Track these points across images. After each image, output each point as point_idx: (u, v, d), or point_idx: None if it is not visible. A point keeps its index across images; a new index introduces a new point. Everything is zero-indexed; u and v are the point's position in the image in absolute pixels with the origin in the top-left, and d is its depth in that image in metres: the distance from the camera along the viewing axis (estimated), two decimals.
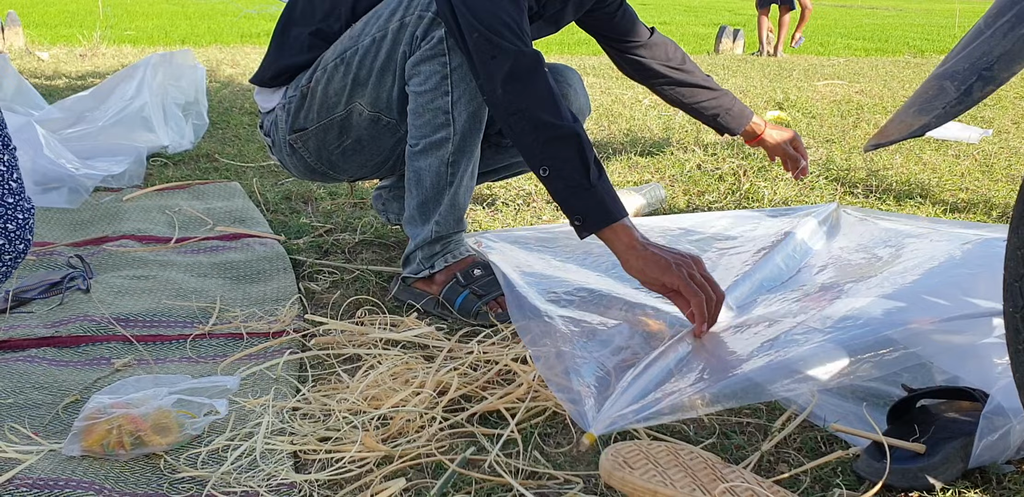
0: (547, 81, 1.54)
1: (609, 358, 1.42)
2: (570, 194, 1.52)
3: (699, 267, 1.51)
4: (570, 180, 1.51)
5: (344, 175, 1.98)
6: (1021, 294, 1.02)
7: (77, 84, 4.63)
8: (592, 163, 1.52)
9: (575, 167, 1.51)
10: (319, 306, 1.84)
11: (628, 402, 1.26)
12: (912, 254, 1.68)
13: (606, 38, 2.11)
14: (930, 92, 1.01)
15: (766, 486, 1.11)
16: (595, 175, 1.51)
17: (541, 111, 1.52)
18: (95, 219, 2.36)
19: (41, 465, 1.21)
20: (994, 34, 0.97)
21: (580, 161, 1.51)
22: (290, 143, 1.89)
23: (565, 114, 1.53)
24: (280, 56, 1.85)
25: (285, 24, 1.86)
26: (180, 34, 9.21)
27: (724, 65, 7.06)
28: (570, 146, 1.51)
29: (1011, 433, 1.22)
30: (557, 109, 1.52)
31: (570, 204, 1.53)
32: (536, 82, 1.53)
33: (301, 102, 1.82)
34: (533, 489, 1.20)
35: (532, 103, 1.52)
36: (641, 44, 2.10)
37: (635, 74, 2.16)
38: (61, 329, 1.66)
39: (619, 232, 1.52)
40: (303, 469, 1.26)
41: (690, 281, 1.48)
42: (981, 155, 3.49)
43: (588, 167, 1.51)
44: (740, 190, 2.78)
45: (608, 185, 1.53)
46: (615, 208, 1.52)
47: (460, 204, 1.79)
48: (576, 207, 1.53)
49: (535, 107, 1.52)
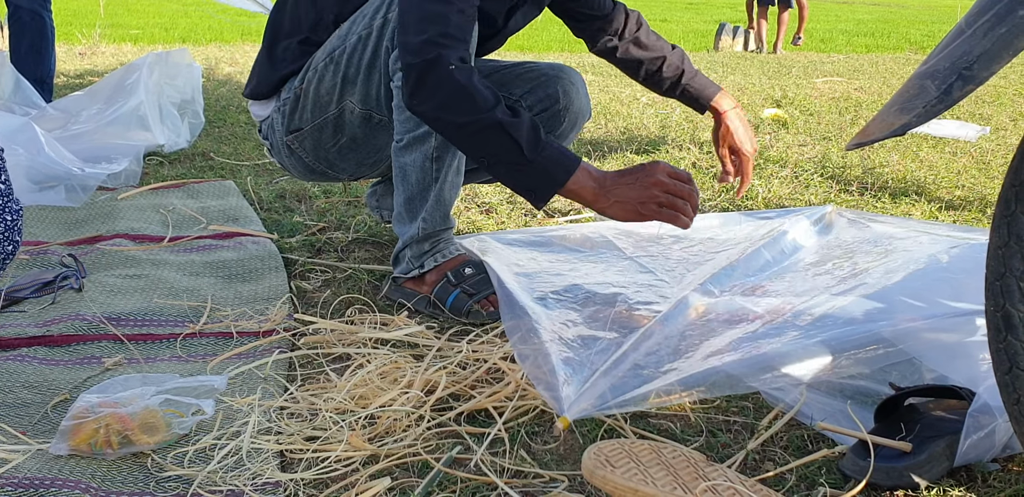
0: (451, 81, 1.54)
1: (594, 355, 1.43)
2: (513, 174, 1.57)
3: (661, 186, 1.55)
4: (508, 162, 1.56)
5: (343, 174, 1.98)
6: (1002, 293, 1.02)
7: (75, 83, 4.64)
8: (523, 140, 1.53)
9: (508, 149, 1.54)
10: (310, 305, 1.84)
11: (603, 388, 1.29)
12: (898, 255, 1.68)
13: (569, 13, 2.06)
14: (911, 91, 1.01)
15: (749, 485, 1.11)
16: (531, 149, 1.53)
17: (454, 114, 1.55)
18: (90, 218, 2.36)
19: (28, 464, 1.21)
20: (974, 34, 0.97)
21: (510, 143, 1.53)
22: (287, 144, 1.89)
23: (480, 104, 1.53)
24: (273, 70, 1.87)
25: (272, 40, 1.88)
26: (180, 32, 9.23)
27: (723, 62, 7.05)
28: (494, 133, 1.54)
29: (997, 431, 1.22)
30: (470, 104, 1.54)
31: (516, 183, 1.59)
32: (438, 87, 1.55)
33: (295, 103, 1.83)
34: (518, 488, 1.20)
35: (442, 108, 1.55)
36: (602, 16, 2.04)
37: (600, 48, 2.10)
38: (52, 328, 1.66)
39: (574, 192, 1.57)
40: (289, 468, 1.26)
41: (661, 211, 1.55)
42: (978, 152, 3.49)
43: (520, 145, 1.53)
44: (734, 188, 2.77)
45: (550, 151, 1.55)
46: (560, 172, 1.55)
47: (446, 200, 1.79)
48: (522, 184, 1.58)
49: (446, 111, 1.55)
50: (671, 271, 1.81)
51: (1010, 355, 1.02)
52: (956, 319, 1.36)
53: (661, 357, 1.39)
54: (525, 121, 1.54)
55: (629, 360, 1.38)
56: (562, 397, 1.28)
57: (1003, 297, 1.01)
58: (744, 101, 4.68)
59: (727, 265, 1.75)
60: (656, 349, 1.42)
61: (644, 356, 1.39)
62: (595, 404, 1.27)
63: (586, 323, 1.55)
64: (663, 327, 1.48)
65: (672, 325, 1.50)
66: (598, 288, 1.71)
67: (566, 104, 1.96)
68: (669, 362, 1.37)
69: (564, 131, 1.99)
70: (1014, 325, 1.01)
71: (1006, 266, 1.01)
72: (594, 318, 1.58)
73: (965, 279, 1.46)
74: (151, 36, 8.63)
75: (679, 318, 1.53)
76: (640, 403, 1.28)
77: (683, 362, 1.36)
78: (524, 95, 1.96)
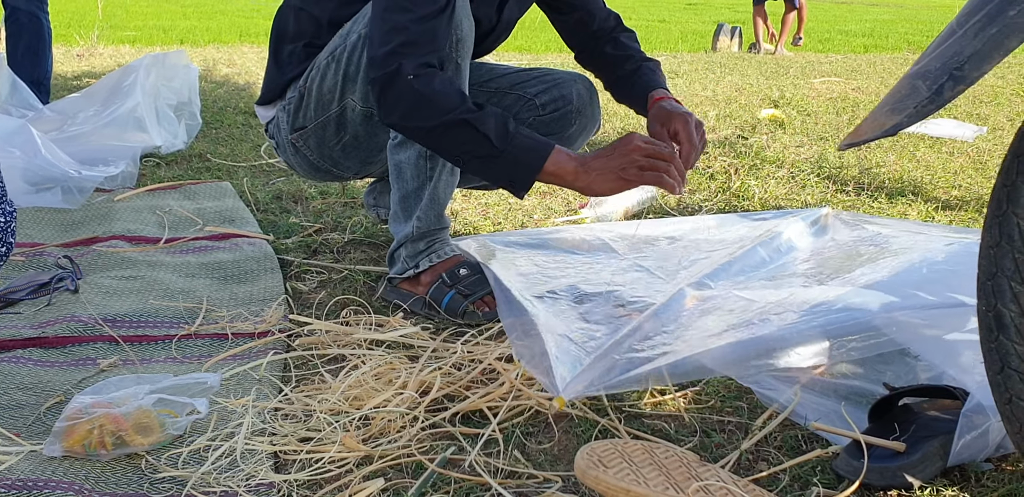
0: (410, 91, 1.56)
1: (590, 342, 1.45)
2: (489, 167, 1.58)
3: (639, 151, 1.55)
4: (481, 156, 1.57)
5: (348, 172, 1.99)
6: (994, 293, 1.02)
7: (73, 84, 4.64)
8: (491, 132, 1.54)
9: (478, 143, 1.55)
10: (306, 306, 1.84)
11: (599, 370, 1.32)
12: (894, 253, 1.68)
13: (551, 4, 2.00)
14: (903, 91, 1.01)
15: (741, 485, 1.11)
16: (500, 139, 1.54)
17: (419, 120, 1.58)
18: (86, 220, 2.36)
19: (21, 466, 1.21)
20: (965, 34, 0.97)
21: (479, 137, 1.54)
22: (292, 142, 1.91)
23: (444, 106, 1.55)
24: (280, 74, 1.90)
25: (277, 45, 1.91)
26: (179, 33, 9.22)
27: (721, 63, 7.05)
28: (461, 130, 1.55)
29: (990, 431, 1.22)
30: (431, 109, 1.55)
31: (493, 176, 1.61)
32: (400, 99, 1.57)
33: (299, 102, 1.85)
34: (512, 488, 1.20)
35: (407, 118, 1.58)
36: (582, 6, 1.97)
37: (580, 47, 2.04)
38: (48, 330, 1.66)
39: (552, 175, 1.57)
40: (283, 469, 1.26)
41: (643, 175, 1.55)
42: (975, 152, 3.49)
43: (488, 137, 1.54)
44: (731, 189, 2.78)
45: (520, 139, 1.55)
46: (534, 158, 1.56)
47: (440, 199, 1.79)
48: (498, 175, 1.60)
49: (412, 119, 1.58)
50: (666, 268, 1.82)
51: (1002, 355, 1.02)
52: (948, 310, 1.36)
53: (656, 342, 1.41)
54: (490, 113, 1.55)
55: (625, 345, 1.41)
56: (557, 379, 1.31)
57: (995, 297, 1.01)
58: (741, 101, 4.68)
59: (723, 263, 1.75)
60: (651, 334, 1.43)
61: (639, 341, 1.42)
62: (589, 386, 1.30)
63: (583, 317, 1.57)
64: (658, 315, 1.50)
65: (668, 313, 1.51)
66: (595, 287, 1.72)
67: (579, 107, 1.96)
68: (664, 346, 1.39)
69: (573, 134, 1.99)
70: (1006, 325, 1.01)
71: (998, 266, 1.01)
72: (591, 312, 1.60)
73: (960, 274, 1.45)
74: (149, 37, 8.63)
75: (674, 307, 1.54)
76: (634, 384, 1.31)
77: (678, 345, 1.37)
78: (538, 94, 1.96)
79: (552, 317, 1.55)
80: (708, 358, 1.31)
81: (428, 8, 1.58)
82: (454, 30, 1.63)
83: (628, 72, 1.93)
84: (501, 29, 1.94)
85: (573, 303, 1.65)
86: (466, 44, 1.67)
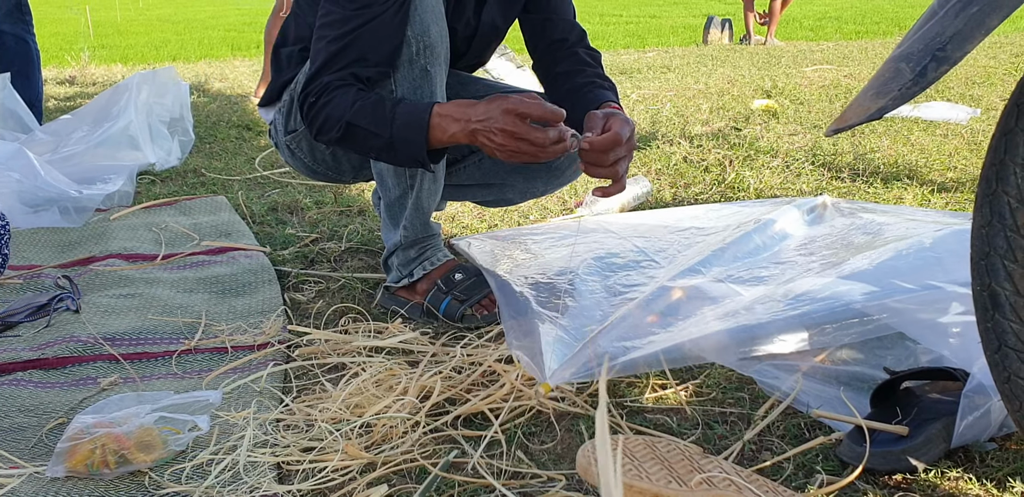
0: (312, 111, 1.62)
1: (579, 331, 1.47)
2: (393, 155, 1.61)
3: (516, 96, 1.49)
4: (379, 148, 1.60)
5: (346, 175, 1.99)
6: (988, 272, 1.01)
7: (66, 105, 4.64)
8: (372, 124, 1.57)
9: (369, 137, 1.59)
10: (304, 316, 1.84)
11: (584, 358, 1.33)
12: (888, 240, 1.68)
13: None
14: (887, 75, 1.01)
15: (745, 475, 1.10)
16: (381, 126, 1.57)
17: (327, 134, 1.62)
18: (82, 240, 2.36)
19: (24, 488, 1.21)
20: (946, 14, 0.97)
21: (365, 132, 1.58)
22: (287, 144, 1.92)
23: (336, 116, 1.59)
24: (279, 76, 1.91)
25: (279, 46, 1.92)
26: (171, 51, 9.22)
27: (712, 55, 7.04)
28: (352, 131, 1.59)
29: (992, 411, 1.22)
30: (327, 122, 1.61)
31: (400, 160, 1.63)
32: (311, 121, 1.64)
33: (290, 105, 1.86)
34: (516, 489, 1.20)
35: (320, 134, 1.64)
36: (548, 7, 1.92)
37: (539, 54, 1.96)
38: (47, 351, 1.66)
39: (445, 139, 1.55)
40: (286, 480, 1.26)
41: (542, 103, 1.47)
42: (969, 134, 3.48)
43: (371, 131, 1.57)
44: (726, 180, 2.77)
45: (401, 118, 1.56)
46: (416, 134, 1.55)
47: (424, 207, 1.79)
48: (403, 159, 1.61)
49: (323, 135, 1.63)
50: (662, 252, 1.83)
51: (998, 334, 1.01)
52: (937, 293, 1.36)
53: (645, 330, 1.43)
54: (367, 105, 1.58)
55: (611, 335, 1.42)
56: (544, 365, 1.34)
57: (988, 276, 1.01)
58: (734, 93, 4.68)
59: (717, 248, 1.76)
60: (638, 323, 1.44)
61: (626, 330, 1.43)
62: (575, 373, 1.33)
63: (575, 306, 1.58)
64: (648, 304, 1.50)
65: (657, 303, 1.52)
66: (588, 273, 1.72)
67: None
68: (652, 335, 1.41)
69: None
70: (1001, 304, 1.00)
71: (990, 245, 1.01)
72: (583, 297, 1.61)
73: (948, 259, 1.45)
74: (141, 55, 8.64)
75: (663, 297, 1.54)
76: (620, 372, 1.33)
77: (667, 334, 1.39)
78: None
79: (544, 305, 1.58)
80: (698, 345, 1.31)
81: (342, 29, 1.62)
82: (419, 37, 1.63)
83: (579, 85, 1.82)
84: (485, 32, 1.92)
85: (567, 289, 1.66)
86: (436, 50, 1.65)
